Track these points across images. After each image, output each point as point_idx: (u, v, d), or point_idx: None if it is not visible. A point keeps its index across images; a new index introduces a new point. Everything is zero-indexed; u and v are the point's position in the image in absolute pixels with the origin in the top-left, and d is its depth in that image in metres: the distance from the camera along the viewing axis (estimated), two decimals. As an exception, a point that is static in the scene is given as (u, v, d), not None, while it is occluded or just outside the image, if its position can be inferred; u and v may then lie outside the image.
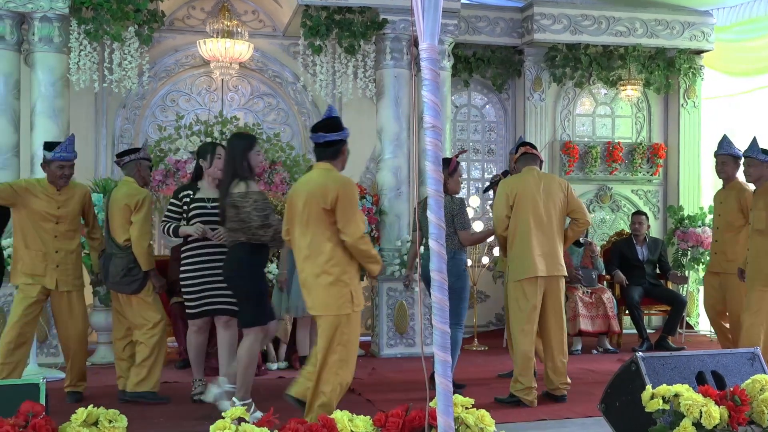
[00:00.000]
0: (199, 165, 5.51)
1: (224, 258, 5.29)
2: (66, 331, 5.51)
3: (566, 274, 5.55)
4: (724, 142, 6.47)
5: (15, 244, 5.47)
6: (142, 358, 5.50)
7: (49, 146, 5.42)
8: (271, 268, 6.87)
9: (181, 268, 5.43)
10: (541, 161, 5.77)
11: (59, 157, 5.33)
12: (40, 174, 7.11)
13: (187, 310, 5.49)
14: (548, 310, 5.47)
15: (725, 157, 6.40)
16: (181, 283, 5.43)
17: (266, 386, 6.12)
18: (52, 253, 5.37)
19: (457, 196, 5.92)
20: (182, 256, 5.47)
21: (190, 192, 5.44)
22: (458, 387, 5.51)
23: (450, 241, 5.45)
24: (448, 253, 3.73)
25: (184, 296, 5.47)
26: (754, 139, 6.00)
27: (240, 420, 3.10)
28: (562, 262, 5.50)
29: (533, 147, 5.76)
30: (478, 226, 8.01)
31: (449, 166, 5.70)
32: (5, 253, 6.12)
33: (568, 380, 5.54)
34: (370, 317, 8.20)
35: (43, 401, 3.27)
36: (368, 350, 7.78)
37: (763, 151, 5.89)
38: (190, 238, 5.36)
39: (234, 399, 4.88)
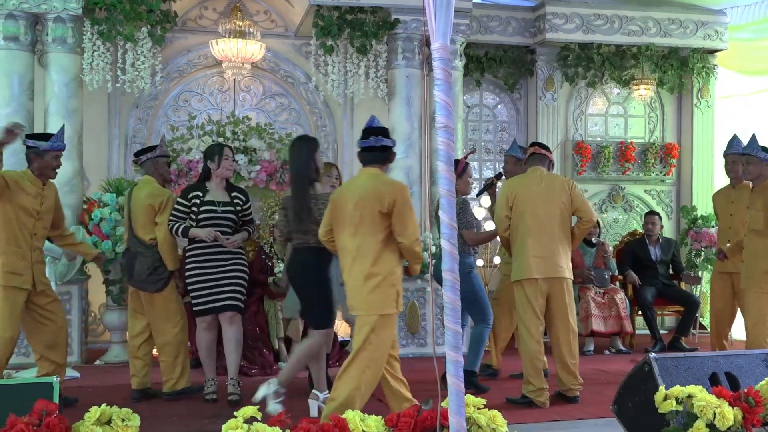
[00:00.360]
0: (207, 166, 5.53)
1: (229, 257, 5.41)
2: (50, 327, 5.20)
3: (568, 276, 5.44)
4: (734, 142, 6.45)
5: None
6: (173, 356, 5.51)
7: (36, 137, 5.23)
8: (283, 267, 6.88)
9: (186, 267, 5.48)
10: (551, 161, 5.72)
11: (57, 146, 5.16)
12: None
13: (194, 308, 5.51)
14: (553, 312, 5.44)
15: (735, 156, 6.37)
16: (186, 281, 5.48)
17: (278, 386, 6.12)
18: (29, 252, 5.09)
19: (467, 196, 5.92)
20: (186, 255, 5.51)
21: (200, 193, 5.46)
22: (481, 390, 5.61)
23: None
24: None
25: (190, 294, 5.51)
26: (753, 137, 5.94)
27: (252, 419, 3.11)
28: (564, 264, 5.42)
29: (543, 147, 5.73)
30: (490, 227, 7.98)
31: (457, 168, 5.70)
32: None
33: (580, 381, 5.52)
34: (381, 317, 8.19)
35: (56, 400, 3.29)
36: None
37: (763, 149, 5.83)
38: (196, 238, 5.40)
39: (271, 381, 4.87)
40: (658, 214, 8.56)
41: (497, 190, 6.52)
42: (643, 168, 9.65)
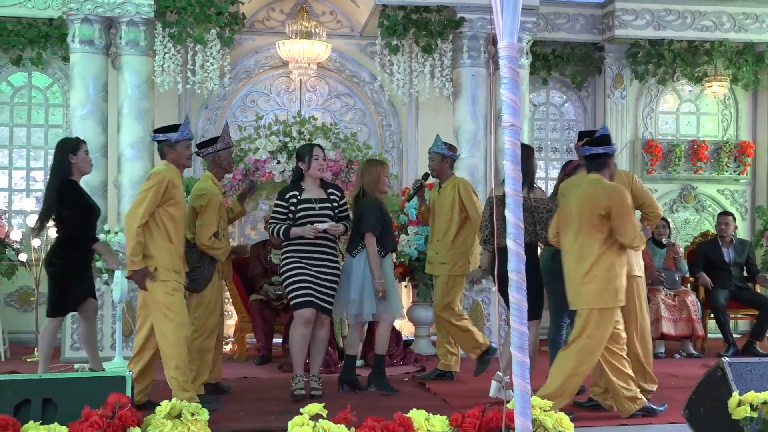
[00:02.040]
0: (299, 167, 5.61)
1: (328, 257, 5.53)
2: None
3: (638, 273, 5.31)
4: None
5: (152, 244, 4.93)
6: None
7: (163, 130, 5.21)
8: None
9: (284, 262, 5.56)
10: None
11: (187, 135, 5.15)
12: (130, 173, 7.30)
13: (293, 302, 5.51)
14: (624, 311, 5.30)
15: None
16: (283, 276, 5.55)
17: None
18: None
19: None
20: (284, 251, 5.60)
21: (296, 193, 5.54)
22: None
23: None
24: None
25: (286, 288, 5.53)
26: None
27: (317, 416, 3.14)
28: (633, 262, 5.23)
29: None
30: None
31: (567, 168, 5.67)
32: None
33: (656, 381, 5.39)
34: (445, 317, 8.16)
35: (129, 393, 3.38)
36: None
37: None
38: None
39: (496, 375, 5.32)
40: (731, 214, 8.32)
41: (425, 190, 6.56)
42: (716, 167, 9.39)
